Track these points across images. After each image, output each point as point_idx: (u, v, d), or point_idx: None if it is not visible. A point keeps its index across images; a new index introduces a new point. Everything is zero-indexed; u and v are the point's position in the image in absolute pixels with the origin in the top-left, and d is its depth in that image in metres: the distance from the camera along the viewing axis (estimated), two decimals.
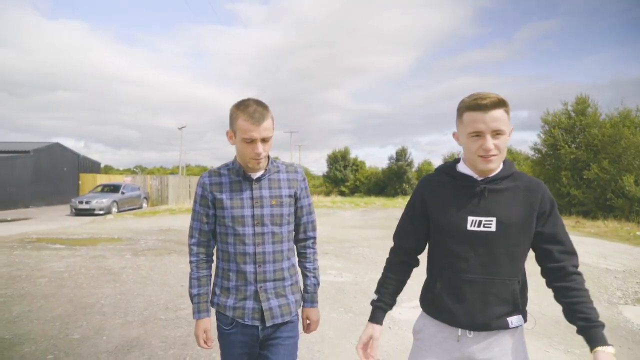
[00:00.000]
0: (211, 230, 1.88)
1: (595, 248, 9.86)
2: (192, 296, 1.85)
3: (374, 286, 1.74)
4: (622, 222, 14.78)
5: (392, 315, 4.56)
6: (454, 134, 1.63)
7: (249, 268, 1.78)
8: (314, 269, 2.01)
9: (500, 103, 1.45)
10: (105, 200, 19.42)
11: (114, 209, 19.94)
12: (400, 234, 1.73)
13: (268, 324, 1.79)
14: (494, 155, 1.47)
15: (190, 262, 1.88)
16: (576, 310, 1.43)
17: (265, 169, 1.83)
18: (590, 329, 1.39)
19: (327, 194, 41.63)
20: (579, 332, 1.42)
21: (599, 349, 1.35)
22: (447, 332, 1.58)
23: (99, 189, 21.89)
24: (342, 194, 44.47)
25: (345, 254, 8.91)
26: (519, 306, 1.52)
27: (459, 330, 1.55)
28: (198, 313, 1.83)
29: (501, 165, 1.57)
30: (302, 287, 2.00)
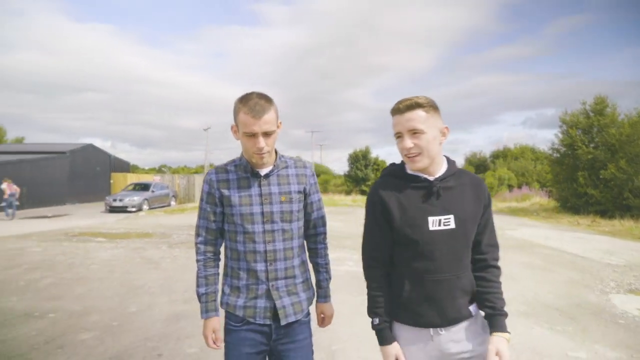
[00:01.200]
0: (219, 228, 1.84)
1: (603, 245, 10.24)
2: (199, 295, 1.81)
3: None
4: (639, 221, 14.95)
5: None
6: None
7: (260, 266, 1.75)
8: (326, 264, 2.00)
9: (415, 105, 1.52)
10: (137, 198, 20.54)
11: (145, 207, 21.07)
12: (373, 247, 1.67)
13: (283, 323, 1.75)
14: (416, 154, 1.53)
15: (197, 260, 1.84)
16: (485, 299, 1.59)
17: (274, 165, 1.80)
18: (494, 316, 1.56)
19: (348, 192, 42.15)
20: (485, 317, 1.59)
21: (496, 334, 1.53)
22: (421, 334, 1.59)
23: (131, 187, 23.08)
24: (363, 193, 44.94)
25: None
26: (474, 294, 1.62)
27: (431, 329, 1.57)
28: (206, 312, 1.79)
29: (445, 165, 1.63)
30: (314, 283, 1.99)
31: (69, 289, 5.77)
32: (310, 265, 2.00)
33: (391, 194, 1.61)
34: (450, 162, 1.65)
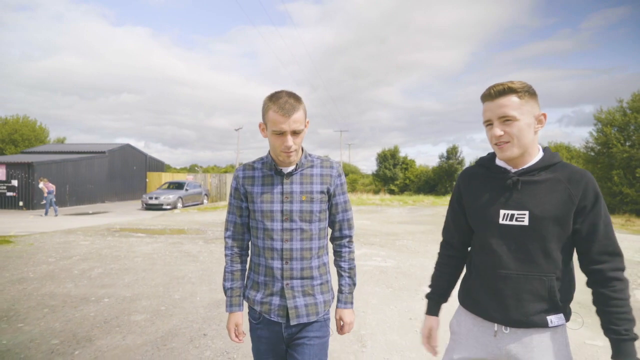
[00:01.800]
0: (245, 223, 1.87)
1: (635, 244, 10.13)
2: (225, 289, 1.85)
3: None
4: None
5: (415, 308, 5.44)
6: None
7: (276, 264, 1.75)
8: (350, 268, 1.91)
9: (508, 90, 1.43)
10: (171, 197, 21.35)
11: (180, 205, 21.87)
12: (446, 229, 1.75)
13: (292, 323, 1.74)
14: (505, 142, 1.46)
15: (225, 255, 1.87)
16: (607, 321, 1.40)
17: (298, 164, 1.79)
18: (618, 341, 1.37)
19: (376, 192, 42.23)
20: (609, 341, 1.41)
21: None
22: (484, 327, 1.55)
23: (166, 186, 23.96)
24: (391, 192, 44.92)
25: (390, 245, 9.82)
26: (558, 304, 1.46)
27: (495, 325, 1.52)
28: (230, 307, 1.82)
29: (540, 156, 1.51)
30: (335, 287, 1.96)
31: (118, 278, 6.28)
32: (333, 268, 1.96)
33: (471, 181, 1.61)
34: (548, 154, 1.51)
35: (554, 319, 1.46)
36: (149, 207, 21.02)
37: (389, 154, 48.41)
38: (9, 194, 20.94)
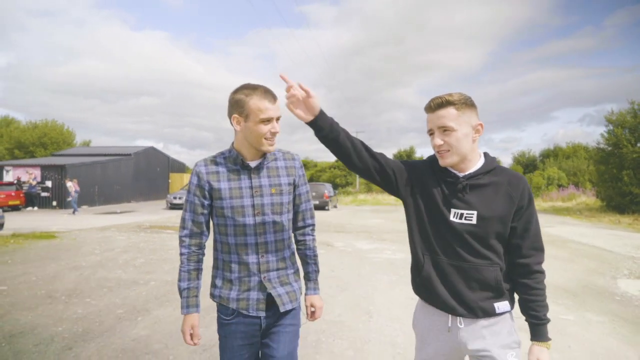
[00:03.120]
0: (206, 221, 1.81)
1: (635, 241, 10.65)
2: (181, 290, 1.78)
3: None
4: None
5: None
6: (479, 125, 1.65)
7: (252, 259, 1.75)
8: (314, 256, 1.97)
9: (446, 103, 1.52)
10: None
11: None
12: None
13: (282, 310, 1.77)
14: (445, 150, 1.56)
15: (181, 254, 1.79)
16: (529, 308, 1.57)
17: (263, 157, 1.79)
18: (537, 325, 1.56)
19: None
20: (529, 324, 1.60)
21: (537, 343, 1.55)
22: (439, 323, 1.65)
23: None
24: None
25: (401, 241, 10.56)
26: (503, 292, 1.58)
27: (449, 320, 1.61)
28: (187, 308, 1.76)
29: (481, 162, 1.61)
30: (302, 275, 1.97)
31: (158, 266, 7.18)
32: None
33: (424, 176, 1.69)
34: (488, 160, 1.63)
35: (500, 306, 1.58)
36: (174, 207, 22.09)
37: (404, 155, 48.85)
38: (44, 194, 22.28)
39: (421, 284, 1.68)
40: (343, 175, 50.06)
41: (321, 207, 23.02)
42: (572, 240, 10.87)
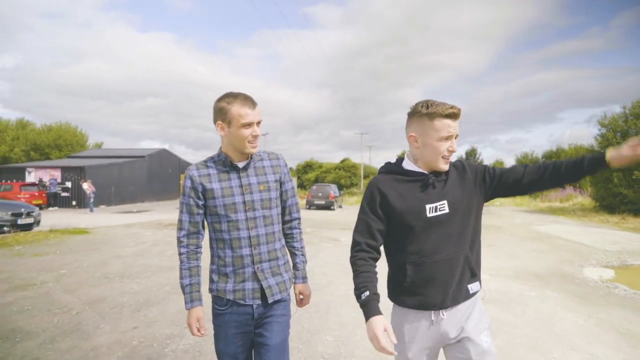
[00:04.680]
0: (202, 221, 1.94)
1: (616, 238, 11.66)
2: (183, 287, 1.90)
3: None
4: None
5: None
6: (409, 137, 1.74)
7: (245, 251, 1.86)
8: (302, 247, 2.11)
9: (460, 113, 1.67)
10: None
11: None
12: (365, 233, 1.75)
13: (270, 301, 1.88)
14: (451, 157, 1.71)
15: (181, 254, 1.92)
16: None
17: (250, 158, 1.92)
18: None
19: None
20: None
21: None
22: (422, 319, 1.70)
23: None
24: None
25: None
26: (474, 272, 1.71)
27: (432, 313, 1.69)
28: (191, 302, 1.88)
29: None
30: (292, 266, 2.08)
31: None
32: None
33: (391, 187, 1.74)
34: None
35: (473, 287, 1.70)
36: None
37: None
38: (64, 194, 23.54)
39: (404, 293, 1.73)
40: (348, 177, 51.01)
41: (327, 206, 24.11)
42: (557, 236, 11.89)
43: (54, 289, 5.69)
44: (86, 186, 20.47)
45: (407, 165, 1.78)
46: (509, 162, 55.71)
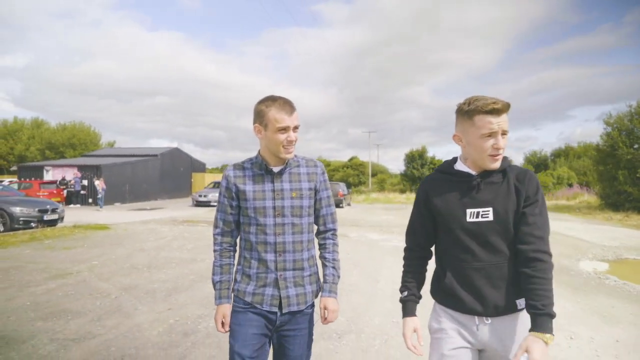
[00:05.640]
0: (235, 220, 1.96)
1: (616, 234, 12.06)
2: (214, 283, 1.94)
3: None
4: None
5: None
6: (454, 136, 1.70)
7: (270, 257, 1.86)
8: (334, 259, 2.01)
9: (507, 107, 1.56)
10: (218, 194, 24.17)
11: None
12: (413, 233, 1.82)
13: (284, 311, 1.85)
14: (501, 154, 1.60)
15: (214, 250, 1.97)
16: (528, 297, 1.51)
17: (286, 163, 1.91)
18: (534, 315, 1.47)
19: (403, 191, 43.94)
20: (529, 315, 1.51)
21: (533, 333, 1.44)
22: (465, 320, 1.65)
23: (212, 185, 26.84)
24: None
25: None
26: (520, 287, 1.58)
27: (476, 318, 1.62)
28: (219, 299, 1.91)
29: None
30: (321, 278, 2.01)
31: (208, 249, 8.85)
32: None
33: (436, 187, 1.73)
34: (502, 159, 1.66)
35: (521, 302, 1.59)
36: (199, 204, 23.90)
37: (416, 154, 49.64)
38: (81, 192, 24.28)
39: (443, 293, 1.71)
40: (356, 175, 51.45)
41: (336, 204, 24.49)
42: (559, 233, 12.28)
43: (89, 277, 6.27)
44: (98, 183, 21.25)
45: (458, 164, 1.73)
46: (518, 160, 55.69)
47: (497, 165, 1.61)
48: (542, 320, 1.44)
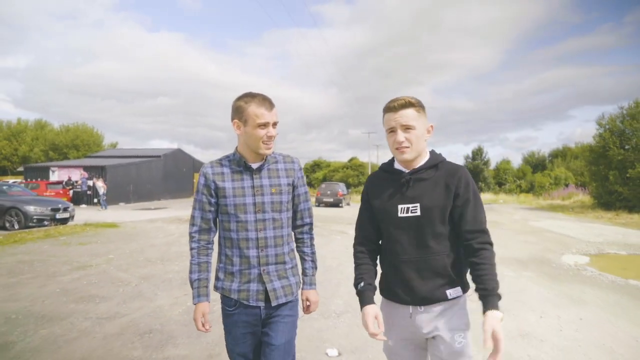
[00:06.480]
0: (213, 218, 1.96)
1: (604, 231, 12.61)
2: (192, 281, 1.93)
3: None
4: None
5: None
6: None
7: (252, 252, 1.87)
8: (312, 253, 2.09)
9: (408, 104, 1.68)
10: None
11: None
12: (361, 227, 1.89)
13: (274, 304, 1.88)
14: (405, 147, 1.69)
15: (192, 249, 1.96)
16: (476, 282, 1.63)
17: (265, 160, 1.93)
18: (485, 296, 1.58)
19: None
20: (479, 298, 1.60)
21: (489, 312, 1.54)
22: (400, 311, 1.76)
23: None
24: None
25: None
26: (453, 279, 1.70)
27: (410, 307, 1.73)
28: (198, 297, 1.91)
29: (427, 158, 1.77)
30: (300, 271, 2.07)
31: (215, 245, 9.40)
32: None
33: (376, 184, 1.85)
34: (433, 156, 1.78)
35: (451, 292, 1.70)
36: None
37: None
38: (87, 192, 24.85)
39: (383, 285, 1.84)
40: (355, 175, 51.95)
41: (336, 204, 25.20)
42: (549, 230, 12.87)
43: (108, 269, 6.83)
44: (100, 184, 21.83)
45: (396, 163, 1.82)
46: (516, 160, 56.23)
47: (405, 157, 1.71)
48: (492, 299, 1.57)
